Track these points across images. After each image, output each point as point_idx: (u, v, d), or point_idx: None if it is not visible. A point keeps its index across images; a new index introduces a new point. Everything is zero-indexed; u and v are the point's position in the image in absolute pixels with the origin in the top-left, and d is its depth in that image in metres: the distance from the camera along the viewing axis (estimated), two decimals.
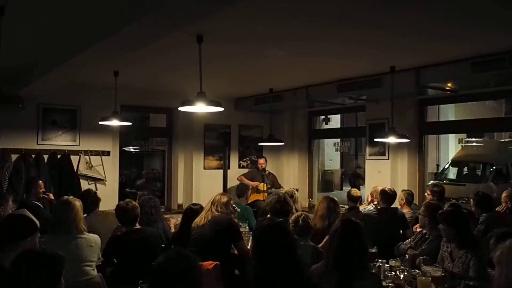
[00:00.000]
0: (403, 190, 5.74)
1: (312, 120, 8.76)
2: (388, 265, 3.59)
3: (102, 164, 7.10)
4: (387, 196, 5.17)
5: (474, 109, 9.94)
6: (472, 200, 4.97)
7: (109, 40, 3.68)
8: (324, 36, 4.18)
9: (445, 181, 9.71)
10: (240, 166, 8.46)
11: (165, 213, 6.24)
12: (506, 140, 11.66)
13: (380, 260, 3.59)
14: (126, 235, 4.02)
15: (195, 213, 4.45)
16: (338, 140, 9.65)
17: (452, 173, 10.91)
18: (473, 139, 11.60)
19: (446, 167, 11.02)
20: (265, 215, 5.02)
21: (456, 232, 3.53)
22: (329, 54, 4.88)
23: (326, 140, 11.14)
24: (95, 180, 7.04)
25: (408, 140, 5.53)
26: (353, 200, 5.63)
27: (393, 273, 3.46)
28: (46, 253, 2.28)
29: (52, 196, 5.82)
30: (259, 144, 8.19)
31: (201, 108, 4.23)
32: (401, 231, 4.97)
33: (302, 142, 8.64)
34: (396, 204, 5.43)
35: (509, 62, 4.53)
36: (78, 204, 3.73)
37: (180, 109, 4.25)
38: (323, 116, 9.37)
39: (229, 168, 7.60)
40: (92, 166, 7.00)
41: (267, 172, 7.86)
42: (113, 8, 3.37)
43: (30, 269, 2.18)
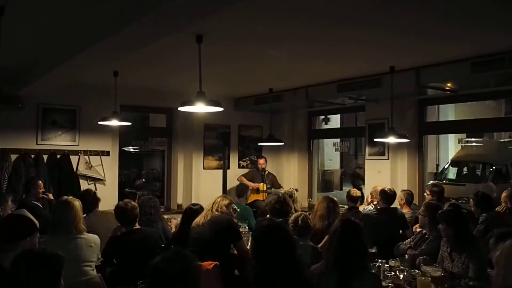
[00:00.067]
0: (403, 190, 5.74)
1: (312, 120, 8.75)
2: (388, 265, 3.59)
3: (102, 164, 7.10)
4: (387, 196, 5.17)
5: (474, 109, 9.93)
6: (472, 200, 4.97)
7: (109, 40, 3.68)
8: (324, 36, 4.18)
9: (445, 181, 9.71)
10: (240, 166, 8.46)
11: (165, 213, 6.23)
12: (506, 140, 11.66)
13: (380, 260, 3.60)
14: (126, 235, 4.02)
15: (195, 213, 4.45)
16: (338, 140, 9.65)
17: (452, 173, 10.91)
18: (473, 139, 11.60)
19: (446, 167, 11.02)
20: (265, 215, 5.02)
21: (455, 232, 3.53)
22: (329, 54, 4.88)
23: (326, 140, 11.14)
24: (95, 180, 7.04)
25: (408, 140, 5.53)
26: (353, 200, 5.63)
27: (393, 273, 3.47)
28: (46, 253, 2.27)
29: (52, 196, 5.82)
30: (259, 144, 8.19)
31: (201, 108, 4.23)
32: (401, 231, 4.97)
33: (302, 142, 8.63)
34: (396, 204, 5.43)
35: (509, 62, 4.52)
36: (78, 204, 3.73)
37: (180, 109, 4.25)
38: (323, 116, 9.38)
39: (229, 168, 7.59)
40: (92, 166, 7.00)
41: (267, 172, 7.87)
42: (113, 8, 3.37)
43: (30, 269, 2.17)
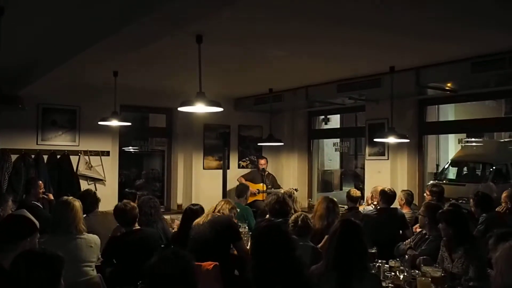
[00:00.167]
0: (403, 190, 5.73)
1: (312, 120, 8.75)
2: (388, 266, 3.59)
3: (102, 164, 7.10)
4: (387, 196, 5.17)
5: (474, 109, 9.92)
6: (472, 200, 4.97)
7: (109, 40, 3.68)
8: (324, 36, 4.17)
9: (445, 181, 9.70)
10: (240, 166, 8.46)
11: (165, 214, 6.23)
12: (506, 140, 11.65)
13: (380, 261, 3.60)
14: (126, 236, 4.02)
15: (195, 214, 4.45)
16: (338, 140, 9.65)
17: (452, 173, 10.90)
18: (473, 139, 11.58)
19: (446, 167, 11.01)
20: (265, 216, 5.02)
21: (455, 232, 3.53)
22: (329, 54, 4.87)
23: (326, 140, 11.12)
24: (95, 180, 7.04)
25: (408, 140, 5.52)
26: (353, 201, 5.63)
27: (393, 274, 3.47)
28: (46, 254, 2.28)
29: (52, 197, 5.82)
30: (259, 144, 8.18)
31: (201, 109, 4.22)
32: (401, 231, 4.97)
33: (302, 142, 8.63)
34: (396, 204, 5.43)
35: (509, 62, 4.52)
36: (78, 205, 3.73)
37: (180, 109, 4.25)
38: (323, 116, 9.37)
39: (229, 168, 7.58)
40: (92, 166, 7.00)
41: (267, 173, 7.87)
42: (113, 8, 3.37)
43: (30, 270, 2.18)
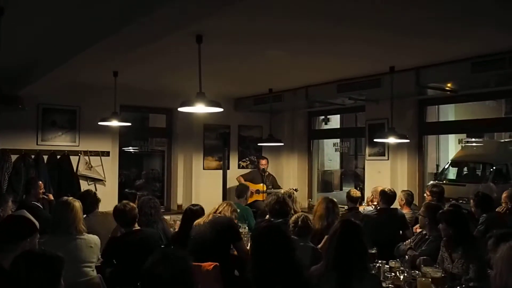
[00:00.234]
0: (403, 191, 5.73)
1: (312, 120, 8.74)
2: (388, 266, 3.59)
3: (102, 165, 7.09)
4: (387, 197, 5.17)
5: (474, 109, 9.92)
6: (472, 201, 4.97)
7: (109, 40, 3.68)
8: (324, 36, 4.17)
9: (445, 181, 9.70)
10: (240, 167, 8.45)
11: (165, 214, 6.22)
12: (506, 140, 11.64)
13: (380, 261, 3.59)
14: (125, 236, 4.01)
15: (195, 214, 4.45)
16: (338, 141, 9.64)
17: (452, 173, 10.89)
18: (473, 139, 11.57)
19: (446, 167, 11.01)
20: (265, 216, 5.02)
21: (455, 232, 3.52)
22: (329, 54, 4.87)
23: (326, 140, 11.11)
24: (95, 181, 7.03)
25: (408, 141, 5.52)
26: (353, 201, 5.63)
27: (393, 274, 3.46)
28: (46, 254, 2.28)
29: (52, 197, 5.81)
30: (259, 145, 8.19)
31: (201, 109, 4.22)
32: (401, 232, 4.97)
33: (302, 142, 8.62)
34: (396, 205, 5.42)
35: (509, 62, 4.52)
36: (78, 205, 3.73)
37: (180, 110, 4.25)
38: (323, 116, 9.37)
39: (229, 169, 7.57)
40: (92, 167, 6.99)
41: (267, 173, 7.86)
42: (113, 8, 3.37)
43: (30, 270, 2.18)
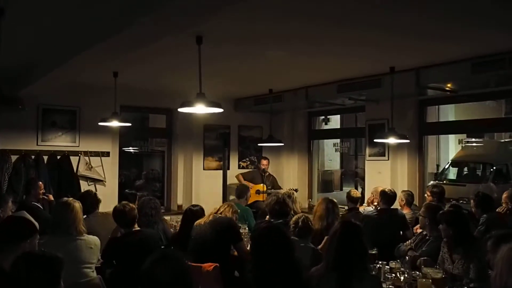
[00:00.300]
0: (403, 191, 5.72)
1: (312, 121, 8.74)
2: (388, 267, 3.59)
3: (102, 165, 7.09)
4: (387, 197, 5.16)
5: (474, 110, 9.92)
6: (473, 201, 4.96)
7: (109, 41, 3.68)
8: (324, 36, 4.17)
9: (445, 182, 9.70)
10: (240, 167, 8.44)
11: (165, 214, 6.22)
12: (506, 140, 11.64)
13: (380, 262, 3.59)
14: (125, 237, 4.00)
15: (195, 215, 4.45)
16: (338, 141, 9.64)
17: (452, 174, 10.89)
18: (473, 139, 11.57)
19: (446, 168, 11.01)
20: (265, 216, 5.02)
21: (455, 232, 3.52)
22: (329, 54, 4.87)
23: (326, 141, 11.12)
24: (95, 181, 7.03)
25: (408, 141, 5.51)
26: (353, 201, 5.63)
27: (393, 275, 3.45)
28: (45, 255, 2.29)
29: (52, 197, 5.81)
30: (259, 145, 8.19)
31: (201, 110, 4.22)
32: (401, 232, 4.96)
33: (302, 143, 8.62)
34: (396, 205, 5.42)
35: (509, 63, 4.51)
36: (78, 206, 3.73)
37: (180, 110, 4.24)
38: (323, 117, 9.36)
39: (229, 169, 7.58)
40: (92, 167, 6.99)
41: (267, 174, 7.86)
42: (113, 9, 3.37)
43: (30, 271, 2.19)
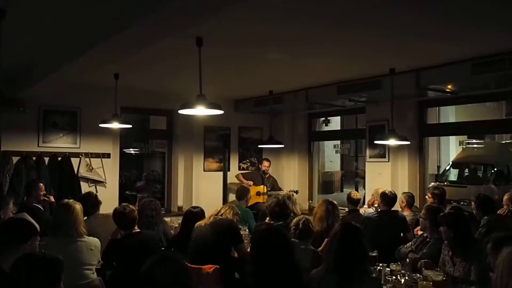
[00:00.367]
0: (404, 193, 5.71)
1: (312, 122, 8.74)
2: (389, 269, 3.57)
3: (103, 167, 7.09)
4: (388, 199, 5.15)
5: (475, 111, 9.91)
6: (474, 203, 4.95)
7: (110, 42, 3.68)
8: (324, 37, 4.17)
9: (446, 183, 9.66)
10: (240, 168, 8.44)
11: (165, 216, 6.22)
12: (507, 142, 11.62)
13: (381, 264, 3.57)
14: (126, 239, 4.00)
15: (195, 216, 4.45)
16: (338, 142, 9.63)
17: (453, 175, 10.86)
18: (474, 141, 11.56)
19: (447, 169, 10.98)
20: (265, 218, 5.01)
21: (456, 234, 3.52)
22: (329, 56, 4.87)
23: (326, 142, 11.12)
24: (96, 183, 7.03)
25: (408, 142, 5.51)
26: (353, 203, 5.62)
27: (394, 277, 3.43)
28: (46, 257, 2.30)
29: (53, 199, 5.81)
30: (259, 146, 8.19)
31: (201, 111, 4.22)
32: (402, 234, 4.95)
33: (302, 144, 8.62)
34: (397, 207, 5.41)
35: (510, 63, 4.51)
36: (78, 207, 3.73)
37: (180, 112, 4.24)
38: (323, 118, 9.35)
39: (229, 170, 7.58)
40: (93, 169, 6.99)
41: (268, 175, 7.85)
42: (113, 10, 3.37)
43: (30, 272, 2.19)
